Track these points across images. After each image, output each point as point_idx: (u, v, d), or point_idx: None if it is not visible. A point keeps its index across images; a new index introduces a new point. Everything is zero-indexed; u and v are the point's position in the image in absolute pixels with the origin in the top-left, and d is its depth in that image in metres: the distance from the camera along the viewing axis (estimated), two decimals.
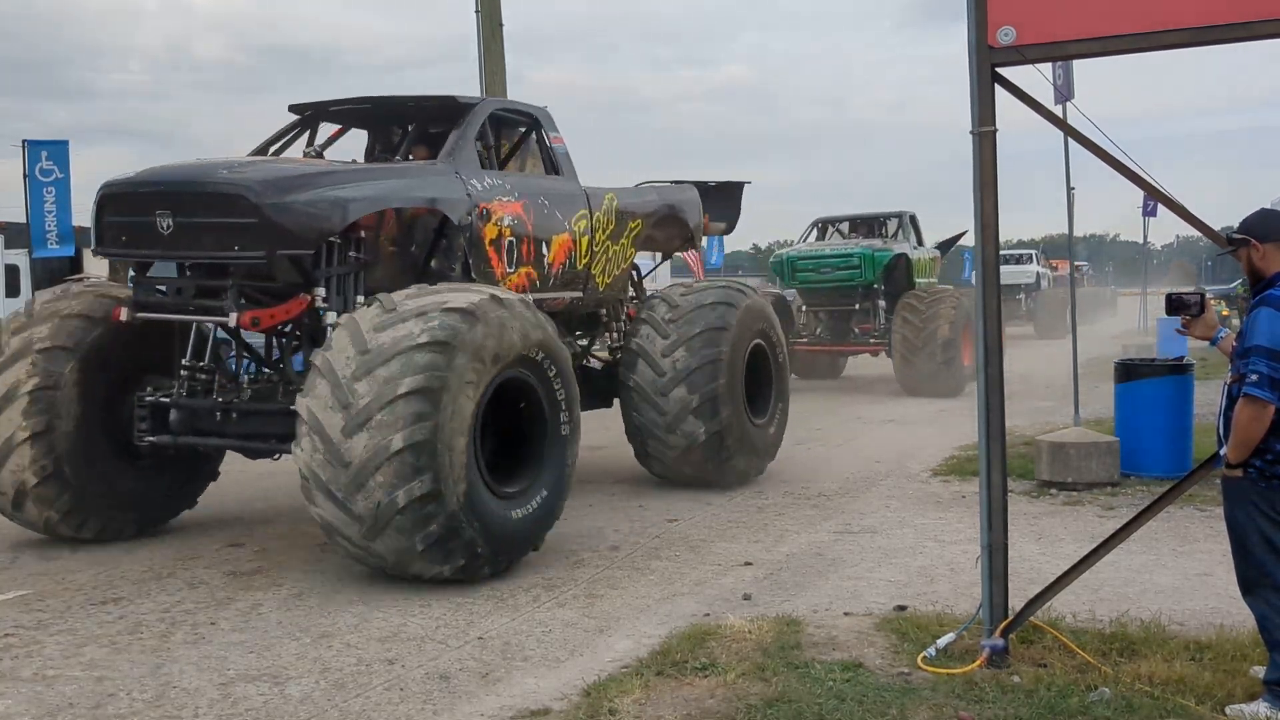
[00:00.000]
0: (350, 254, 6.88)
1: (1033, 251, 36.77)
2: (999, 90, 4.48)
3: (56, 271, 24.28)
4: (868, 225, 19.73)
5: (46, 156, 16.70)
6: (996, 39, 4.38)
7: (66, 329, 7.08)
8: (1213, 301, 4.65)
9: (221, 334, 7.42)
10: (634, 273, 9.97)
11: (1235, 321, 22.30)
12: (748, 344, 9.32)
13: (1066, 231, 12.36)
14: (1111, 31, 4.27)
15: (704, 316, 8.93)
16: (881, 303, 17.98)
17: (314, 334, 7.17)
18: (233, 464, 10.02)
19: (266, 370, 7.83)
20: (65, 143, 17.17)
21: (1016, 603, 4.68)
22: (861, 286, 17.86)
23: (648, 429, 8.90)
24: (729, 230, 11.65)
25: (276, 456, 7.16)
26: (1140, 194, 20.63)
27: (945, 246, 20.92)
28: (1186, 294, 4.44)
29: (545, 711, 4.33)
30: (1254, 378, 3.88)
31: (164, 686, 4.71)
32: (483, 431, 6.27)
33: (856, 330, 18.48)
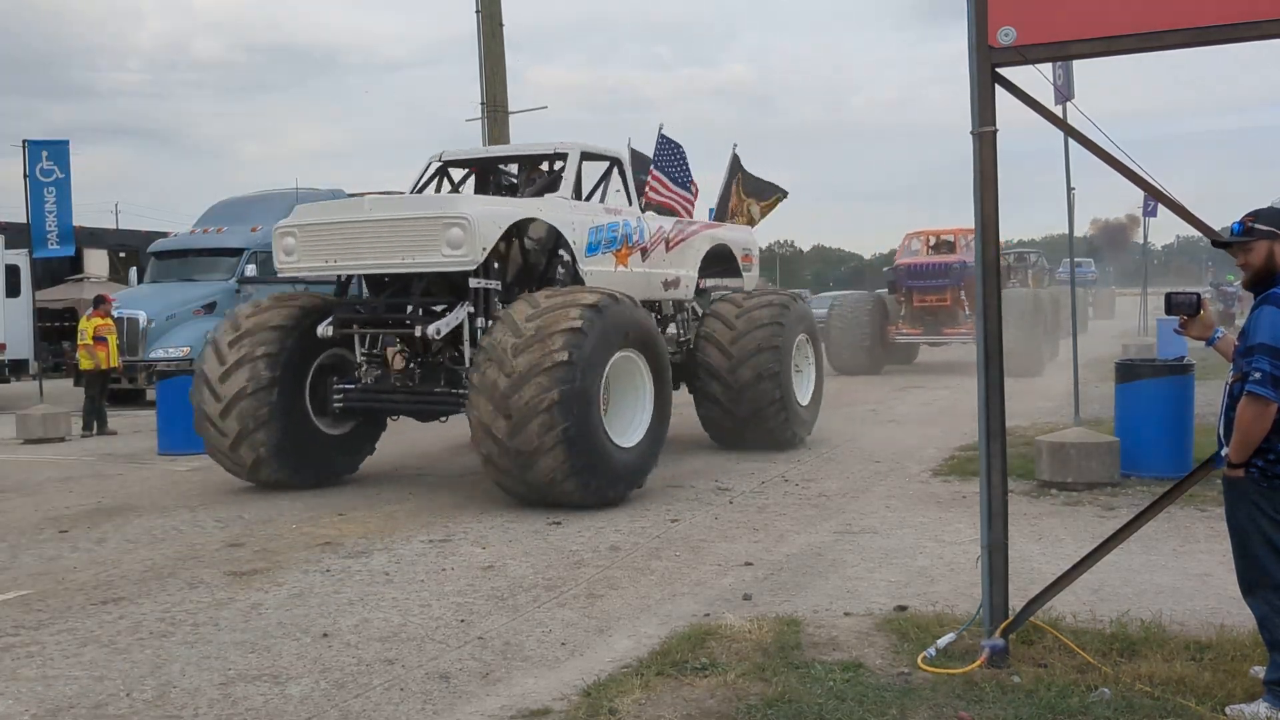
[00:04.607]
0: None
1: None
2: (999, 90, 4.48)
3: (57, 272, 24.40)
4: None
5: (47, 156, 16.68)
6: (997, 39, 4.38)
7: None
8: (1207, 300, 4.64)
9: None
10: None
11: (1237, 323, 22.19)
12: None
13: (1067, 231, 12.32)
14: (1112, 31, 4.27)
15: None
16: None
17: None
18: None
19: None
20: (65, 142, 17.15)
21: (1017, 603, 4.68)
22: None
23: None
24: None
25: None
26: (1140, 194, 20.60)
27: None
28: (1183, 294, 4.44)
29: (545, 711, 4.33)
30: (1257, 376, 3.87)
31: (164, 686, 4.71)
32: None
33: None
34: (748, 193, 14.79)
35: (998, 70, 4.45)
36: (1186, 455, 8.85)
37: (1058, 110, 5.68)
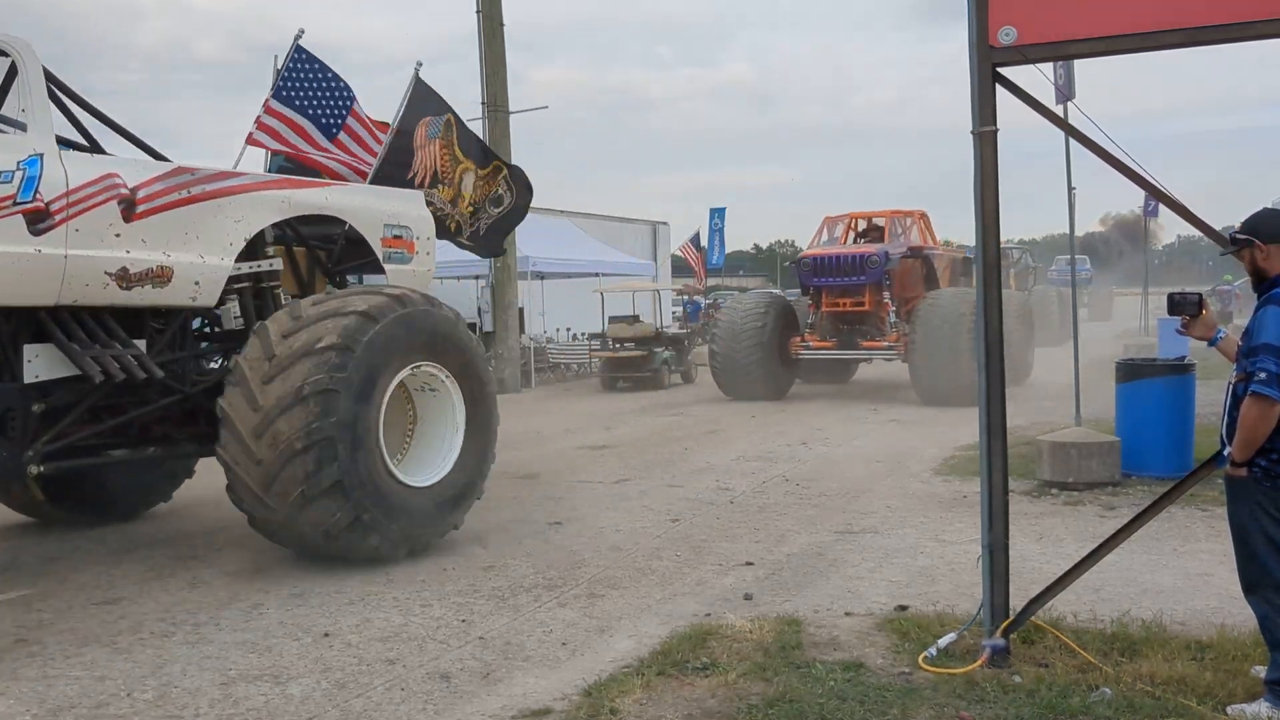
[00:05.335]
0: None
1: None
2: (1000, 90, 4.48)
3: None
4: None
5: None
6: (997, 39, 4.38)
7: None
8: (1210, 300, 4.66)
9: None
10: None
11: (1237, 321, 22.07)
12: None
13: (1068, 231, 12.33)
14: (1112, 31, 4.27)
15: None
16: None
17: None
18: None
19: None
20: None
21: (1018, 603, 4.68)
22: None
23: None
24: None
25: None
26: (1141, 193, 20.50)
27: None
28: (1185, 295, 4.44)
29: (546, 711, 4.33)
30: (1262, 376, 3.88)
31: (165, 686, 4.72)
32: None
33: None
34: (465, 151, 9.18)
35: (998, 70, 4.45)
36: (1187, 455, 8.85)
37: (1058, 110, 5.68)
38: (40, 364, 6.28)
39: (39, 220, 5.93)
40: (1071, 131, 4.91)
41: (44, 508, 8.09)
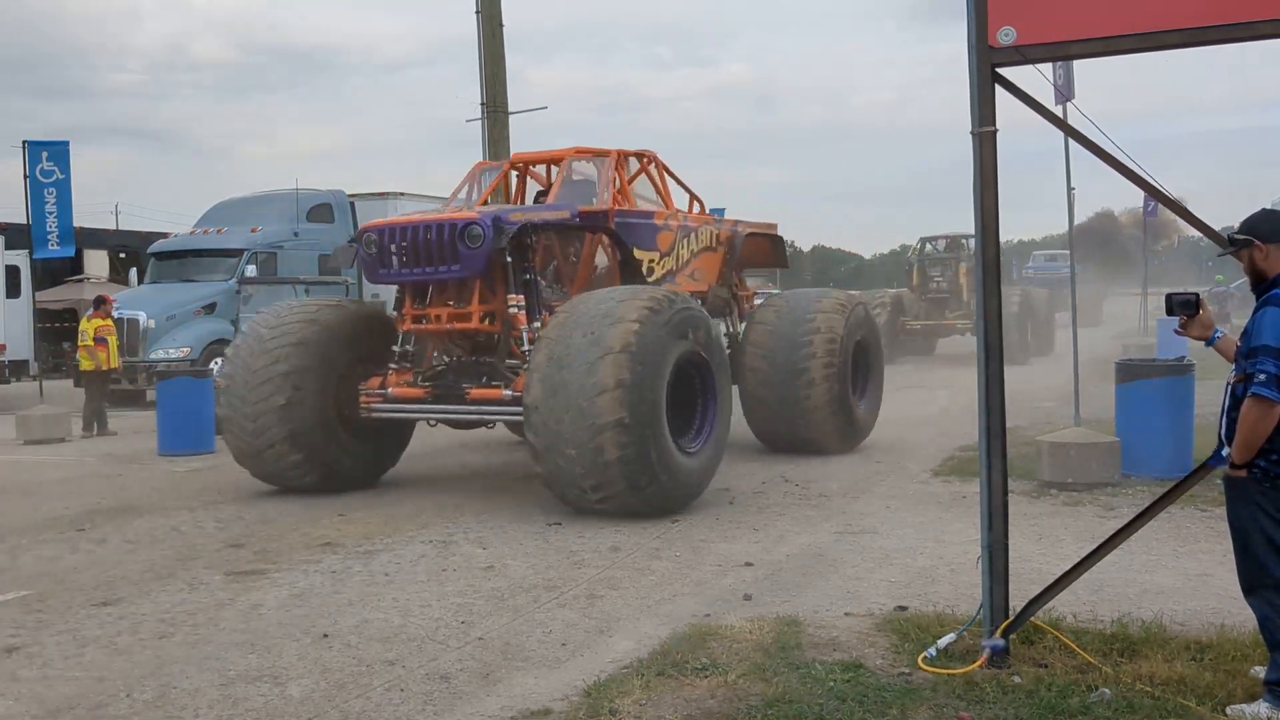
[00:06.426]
0: None
1: None
2: (1000, 90, 4.48)
3: (57, 272, 24.35)
4: None
5: (47, 157, 16.66)
6: (997, 39, 4.38)
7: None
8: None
9: None
10: None
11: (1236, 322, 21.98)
12: None
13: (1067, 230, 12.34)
14: (1112, 32, 4.27)
15: None
16: None
17: None
18: (234, 465, 9.99)
19: None
20: (65, 143, 17.12)
21: (1017, 603, 4.67)
22: None
23: None
24: None
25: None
26: (1141, 194, 20.47)
27: None
28: (1183, 295, 4.45)
29: (545, 712, 4.33)
30: (1261, 377, 3.87)
31: (165, 687, 4.71)
32: None
33: None
34: None
35: (998, 70, 4.45)
36: (1187, 455, 8.84)
37: (1058, 110, 5.68)
38: None
39: None
40: (1071, 132, 4.91)
41: None
